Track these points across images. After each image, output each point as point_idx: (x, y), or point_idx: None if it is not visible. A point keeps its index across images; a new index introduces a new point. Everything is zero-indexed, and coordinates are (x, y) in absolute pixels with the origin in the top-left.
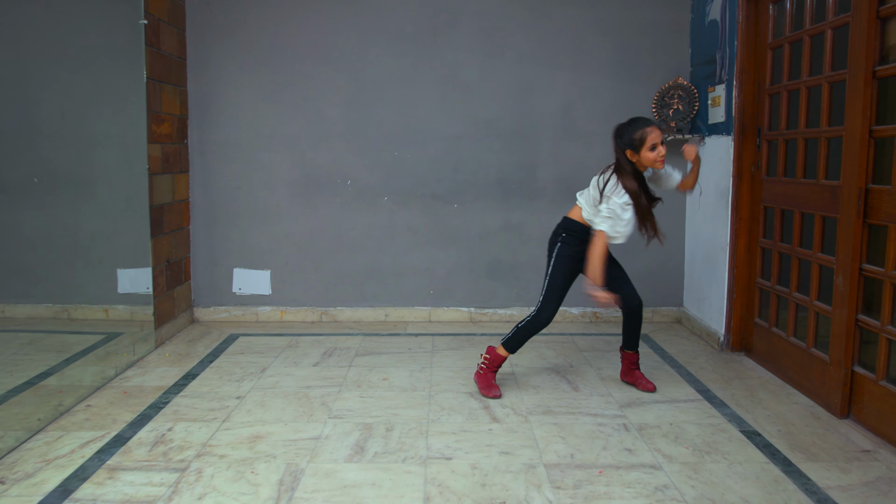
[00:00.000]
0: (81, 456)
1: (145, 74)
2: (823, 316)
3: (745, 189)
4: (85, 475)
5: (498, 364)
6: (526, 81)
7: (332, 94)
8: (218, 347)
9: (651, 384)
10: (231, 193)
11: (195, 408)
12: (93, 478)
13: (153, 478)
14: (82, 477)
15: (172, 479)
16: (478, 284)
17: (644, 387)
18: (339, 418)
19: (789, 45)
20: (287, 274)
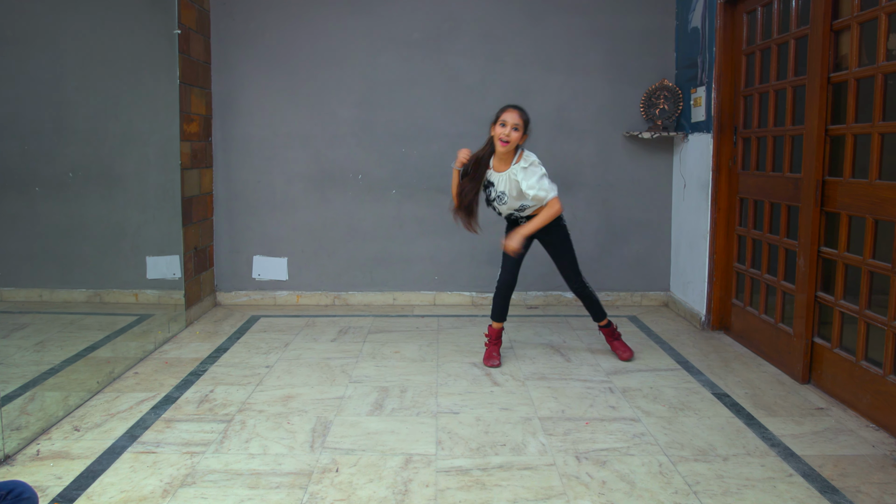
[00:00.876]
0: (139, 411)
1: (178, 79)
2: (789, 294)
3: (724, 182)
4: (146, 425)
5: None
6: (523, 83)
7: (344, 95)
8: (242, 326)
9: (628, 352)
10: (251, 187)
11: (231, 374)
12: (153, 427)
13: (204, 427)
14: (144, 426)
15: (221, 428)
16: (479, 270)
17: (620, 355)
18: (359, 382)
19: (760, 51)
20: (303, 261)
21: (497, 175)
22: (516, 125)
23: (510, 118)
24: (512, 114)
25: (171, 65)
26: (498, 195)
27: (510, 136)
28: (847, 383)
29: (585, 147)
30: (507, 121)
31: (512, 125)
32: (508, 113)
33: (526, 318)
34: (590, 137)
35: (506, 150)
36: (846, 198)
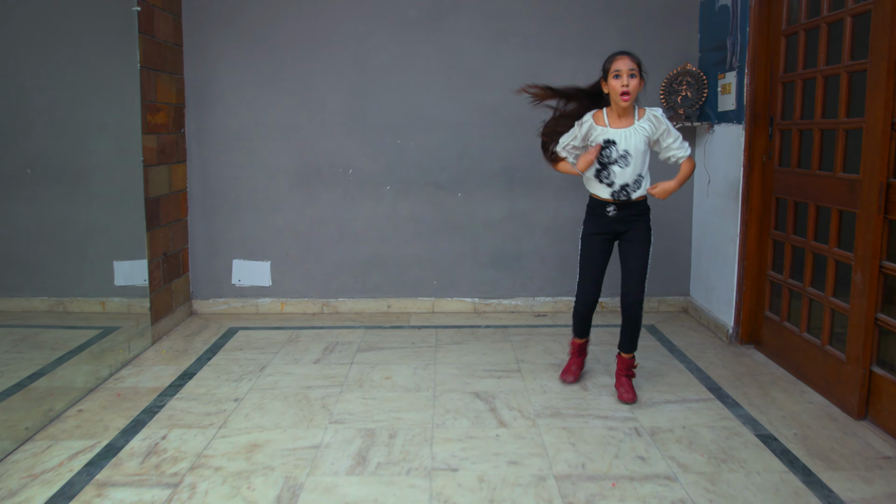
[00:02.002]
0: (70, 470)
1: (139, 62)
2: (839, 313)
3: (757, 179)
4: (72, 492)
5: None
6: (531, 67)
7: (333, 80)
8: (217, 343)
9: (629, 395)
10: (230, 183)
11: (191, 412)
12: (80, 496)
13: (143, 495)
14: (69, 494)
15: (164, 497)
16: (482, 274)
17: (620, 395)
18: (341, 423)
19: (804, 32)
20: (287, 265)
21: (618, 132)
22: (632, 70)
23: (623, 65)
24: (624, 60)
25: (133, 47)
26: (622, 155)
27: (630, 85)
28: None
29: None
30: (622, 69)
31: (628, 72)
32: (620, 60)
33: (534, 330)
34: None
35: (629, 104)
36: None
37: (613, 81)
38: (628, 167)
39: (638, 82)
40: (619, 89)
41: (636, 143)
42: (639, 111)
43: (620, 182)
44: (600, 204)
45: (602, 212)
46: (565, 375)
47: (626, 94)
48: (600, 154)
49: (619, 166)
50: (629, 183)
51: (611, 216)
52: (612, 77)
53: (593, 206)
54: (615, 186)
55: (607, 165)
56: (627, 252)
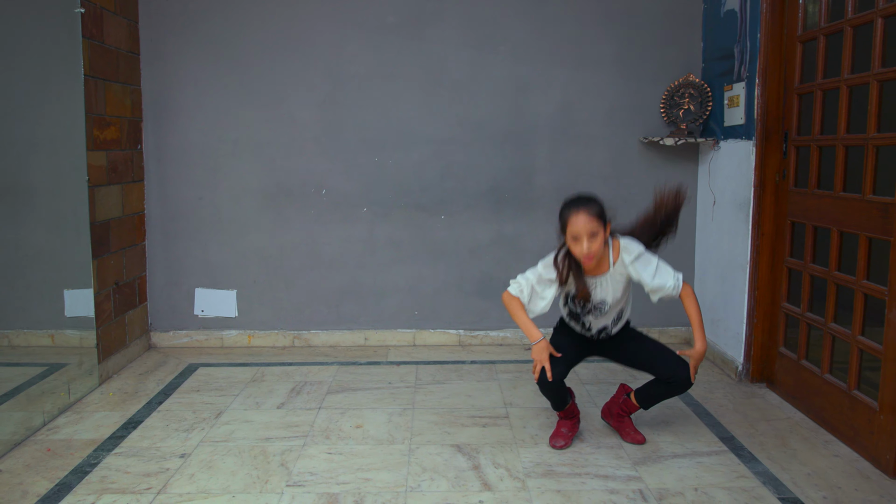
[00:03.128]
0: None
1: (83, 71)
2: (869, 354)
3: (769, 201)
4: None
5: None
6: (521, 79)
7: (304, 92)
8: (172, 382)
9: (640, 436)
10: (192, 205)
11: (128, 472)
12: None
13: None
14: None
15: None
16: (467, 304)
17: (631, 438)
18: (300, 486)
19: (825, 37)
20: (255, 294)
21: (593, 280)
22: (592, 231)
23: (581, 228)
24: (580, 220)
25: (77, 54)
26: (597, 305)
27: (592, 250)
28: None
29: (595, 155)
30: (580, 233)
31: (588, 235)
32: (576, 222)
33: (524, 367)
34: (600, 144)
35: (594, 264)
36: None
37: (573, 244)
38: (604, 315)
39: (601, 240)
40: (579, 255)
41: (613, 290)
42: (613, 250)
43: (597, 327)
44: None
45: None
46: (555, 440)
47: (589, 258)
48: (570, 303)
49: (593, 315)
50: (608, 325)
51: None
52: (571, 240)
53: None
54: (592, 331)
55: (580, 314)
56: (632, 354)
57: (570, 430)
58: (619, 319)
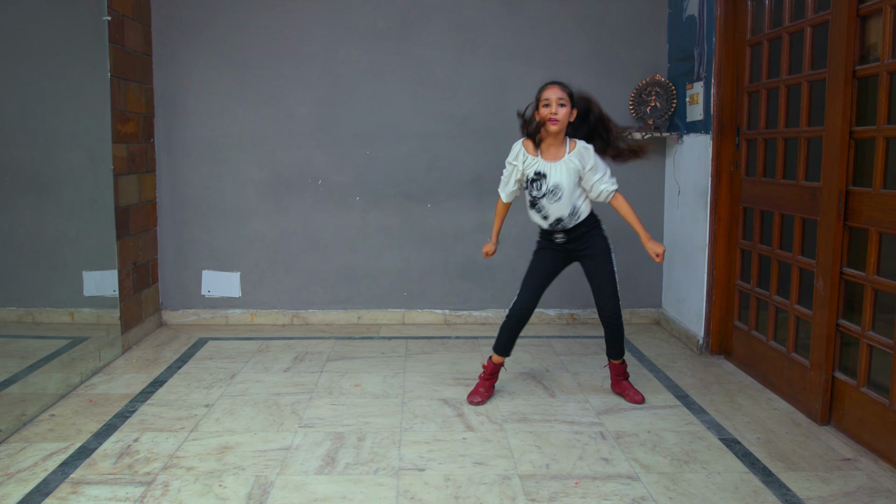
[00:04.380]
0: (45, 469)
1: (109, 72)
2: (804, 320)
3: (724, 189)
4: (48, 489)
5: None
6: (500, 78)
7: (301, 91)
8: (187, 352)
9: (639, 395)
10: (199, 194)
11: (162, 417)
12: (55, 492)
13: (118, 492)
14: (45, 491)
15: (138, 494)
16: (452, 286)
17: (631, 398)
18: (310, 427)
19: (768, 42)
20: (257, 276)
21: (549, 164)
22: (561, 100)
23: (553, 94)
24: (553, 89)
25: (103, 56)
26: (551, 189)
27: (559, 113)
28: (878, 429)
29: None
30: (551, 98)
31: (557, 101)
32: (549, 90)
33: None
34: None
35: (558, 129)
36: (876, 212)
37: (543, 110)
38: (559, 201)
39: (568, 111)
40: (546, 115)
41: (567, 177)
42: (570, 144)
43: (554, 216)
44: (546, 232)
45: (550, 238)
46: (473, 396)
47: (554, 121)
48: (530, 186)
49: (547, 200)
50: (563, 217)
51: (559, 242)
52: (542, 106)
53: (541, 233)
54: (550, 220)
55: (538, 199)
56: (591, 269)
57: (487, 390)
58: (575, 215)
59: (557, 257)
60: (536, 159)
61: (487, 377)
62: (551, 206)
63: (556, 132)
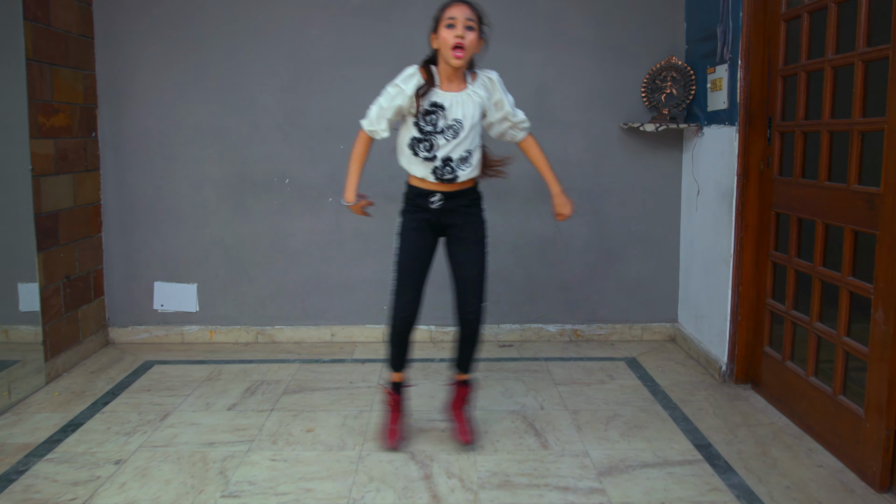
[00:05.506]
0: None
1: (24, 55)
2: (855, 357)
3: (753, 191)
4: None
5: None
6: (493, 61)
7: (265, 77)
8: (124, 381)
9: (467, 436)
10: (150, 195)
11: (55, 480)
12: None
13: None
14: None
15: None
16: (439, 298)
17: (459, 436)
18: (235, 497)
19: (809, 14)
20: (217, 288)
21: (448, 96)
22: (469, 21)
23: (459, 13)
24: (461, 8)
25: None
26: (451, 124)
27: (466, 39)
28: None
29: (572, 142)
30: (457, 17)
31: (464, 21)
32: (456, 7)
33: (495, 365)
34: (578, 130)
35: (462, 63)
36: None
37: (445, 32)
38: (456, 139)
39: (476, 38)
40: (451, 41)
41: (471, 110)
42: (471, 75)
43: (443, 155)
44: (421, 193)
45: (424, 202)
46: (392, 440)
47: (460, 49)
48: (422, 120)
49: (444, 138)
50: (453, 157)
51: (435, 207)
52: (445, 27)
53: (413, 195)
54: (437, 161)
55: (431, 135)
56: (460, 255)
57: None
58: (467, 162)
59: (428, 237)
60: (434, 89)
61: (398, 406)
62: (447, 145)
63: (458, 66)
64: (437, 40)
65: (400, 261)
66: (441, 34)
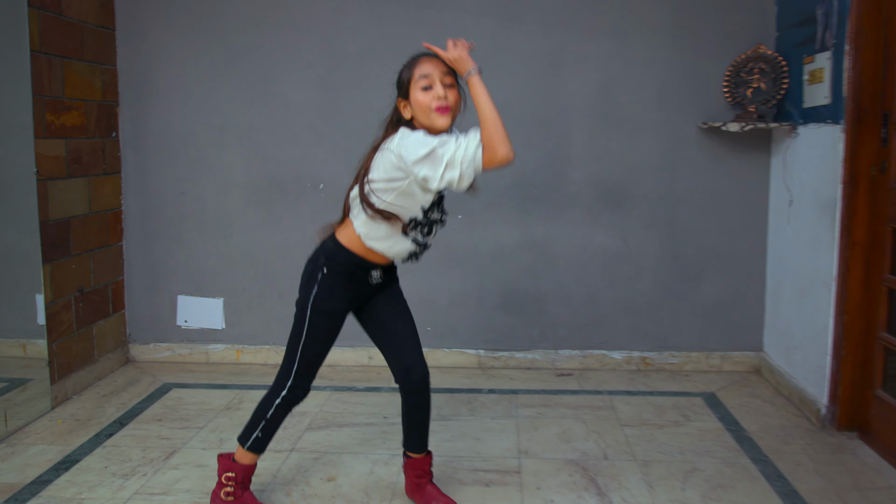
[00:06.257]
0: None
1: (29, 47)
2: None
3: (862, 201)
4: None
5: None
6: (553, 53)
7: (297, 71)
8: (135, 407)
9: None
10: (173, 200)
11: None
12: None
13: None
14: None
15: None
16: (489, 319)
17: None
18: None
19: None
20: (244, 302)
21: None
22: (447, 77)
23: (434, 69)
24: (432, 63)
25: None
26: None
27: (450, 99)
28: None
29: (643, 144)
30: (432, 74)
31: (441, 78)
32: (426, 63)
33: (552, 399)
34: (649, 131)
35: (447, 124)
36: None
37: (421, 95)
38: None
39: (458, 97)
40: (432, 104)
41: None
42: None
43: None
44: (363, 266)
45: (364, 277)
46: None
47: (445, 109)
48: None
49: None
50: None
51: (374, 283)
52: (419, 89)
53: (350, 265)
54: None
55: (432, 224)
56: (387, 309)
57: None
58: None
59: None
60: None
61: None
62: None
63: (445, 127)
64: (409, 107)
65: (311, 343)
66: (416, 98)
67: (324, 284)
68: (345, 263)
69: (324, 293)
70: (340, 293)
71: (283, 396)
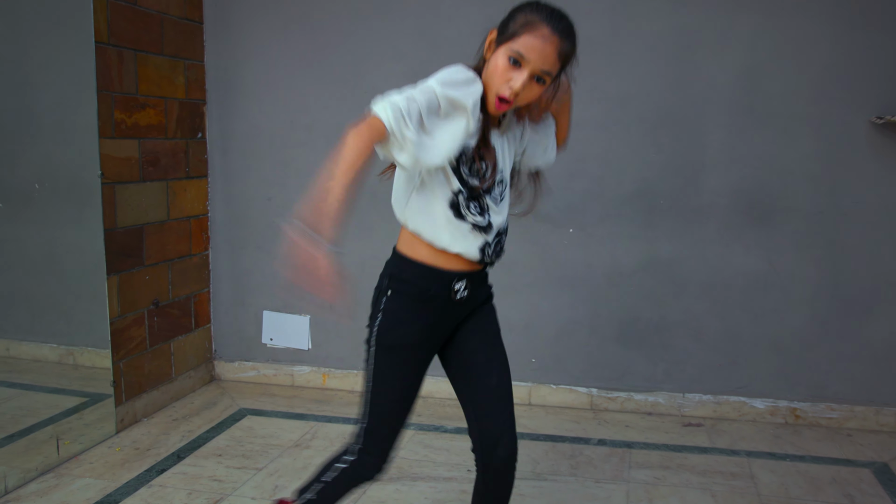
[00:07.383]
0: None
1: (94, 38)
2: None
3: None
4: None
5: None
6: (684, 31)
7: (389, 62)
8: (201, 437)
9: None
10: (260, 206)
11: None
12: None
13: None
14: None
15: None
16: (604, 353)
17: None
18: None
19: None
20: (332, 322)
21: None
22: (546, 74)
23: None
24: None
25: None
26: (499, 179)
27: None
28: None
29: (796, 145)
30: (531, 58)
31: (536, 70)
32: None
33: (675, 457)
34: (805, 127)
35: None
36: None
37: (503, 62)
38: (504, 201)
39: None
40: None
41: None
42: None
43: (499, 223)
44: (439, 277)
45: (441, 292)
46: None
47: (507, 103)
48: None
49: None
50: (504, 229)
51: (458, 300)
52: (508, 54)
53: (420, 279)
54: (491, 232)
55: (477, 197)
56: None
57: None
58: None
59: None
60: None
61: None
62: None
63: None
64: (491, 57)
65: (379, 393)
66: (498, 60)
67: (388, 311)
68: (415, 279)
69: (388, 321)
70: (411, 321)
71: (349, 463)
